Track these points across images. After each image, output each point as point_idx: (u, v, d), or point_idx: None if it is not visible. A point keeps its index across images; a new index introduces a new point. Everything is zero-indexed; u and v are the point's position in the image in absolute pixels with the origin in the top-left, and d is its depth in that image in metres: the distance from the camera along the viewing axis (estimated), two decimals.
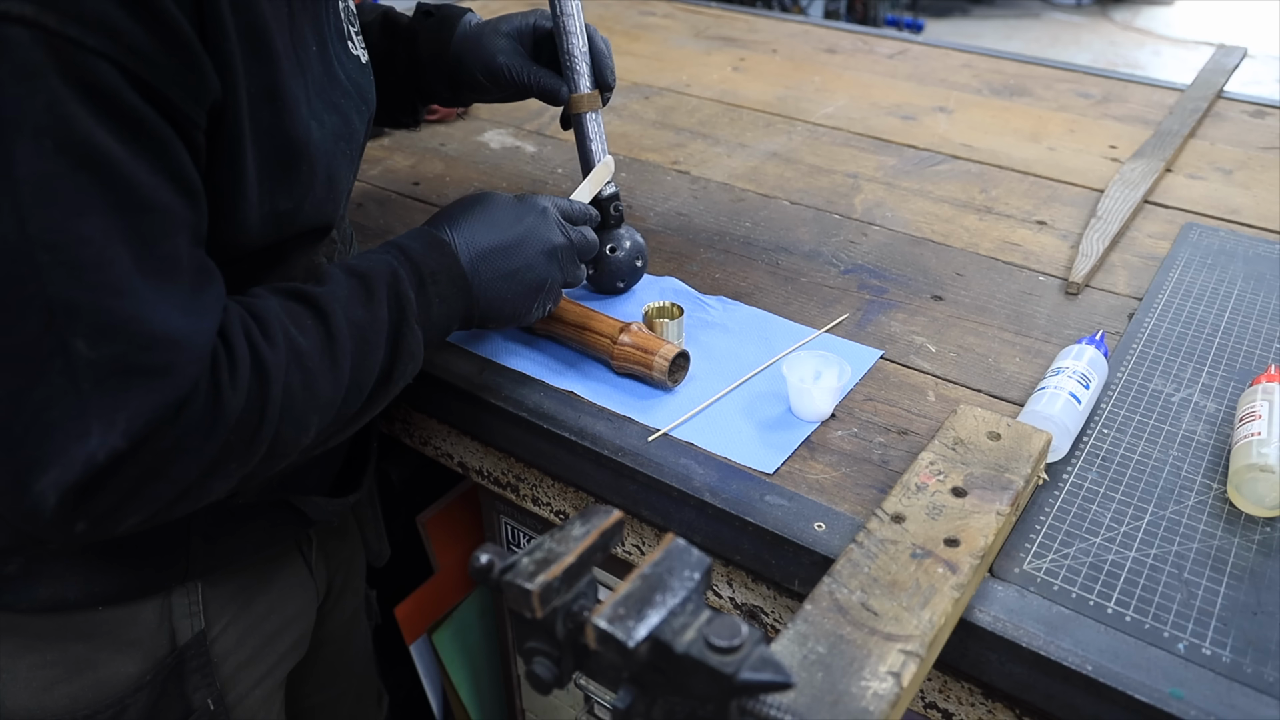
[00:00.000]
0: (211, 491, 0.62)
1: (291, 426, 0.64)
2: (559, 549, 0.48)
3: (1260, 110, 1.48)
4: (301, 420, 0.65)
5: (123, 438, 0.55)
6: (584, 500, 0.88)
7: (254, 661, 0.87)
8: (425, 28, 1.00)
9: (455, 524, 1.30)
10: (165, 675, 0.79)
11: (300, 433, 0.65)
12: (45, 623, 0.75)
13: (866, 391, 0.88)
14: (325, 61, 0.74)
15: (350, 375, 0.68)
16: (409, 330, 0.73)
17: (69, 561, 0.73)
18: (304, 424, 0.65)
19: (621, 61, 1.68)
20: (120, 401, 0.55)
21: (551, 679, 0.49)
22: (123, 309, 0.55)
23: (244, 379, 0.61)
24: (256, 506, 0.80)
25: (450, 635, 1.31)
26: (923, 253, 1.10)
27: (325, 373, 0.66)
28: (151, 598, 0.77)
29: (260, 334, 0.64)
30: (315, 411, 0.66)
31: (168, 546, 0.76)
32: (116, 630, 0.77)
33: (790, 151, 1.35)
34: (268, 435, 0.62)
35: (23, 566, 0.72)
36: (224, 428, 0.59)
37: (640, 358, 0.86)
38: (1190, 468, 0.78)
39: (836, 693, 0.53)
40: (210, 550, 0.78)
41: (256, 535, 0.82)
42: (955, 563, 0.63)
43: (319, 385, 0.66)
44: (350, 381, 0.69)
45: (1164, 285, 1.02)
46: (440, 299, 0.76)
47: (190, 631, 0.80)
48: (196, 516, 0.76)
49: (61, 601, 0.73)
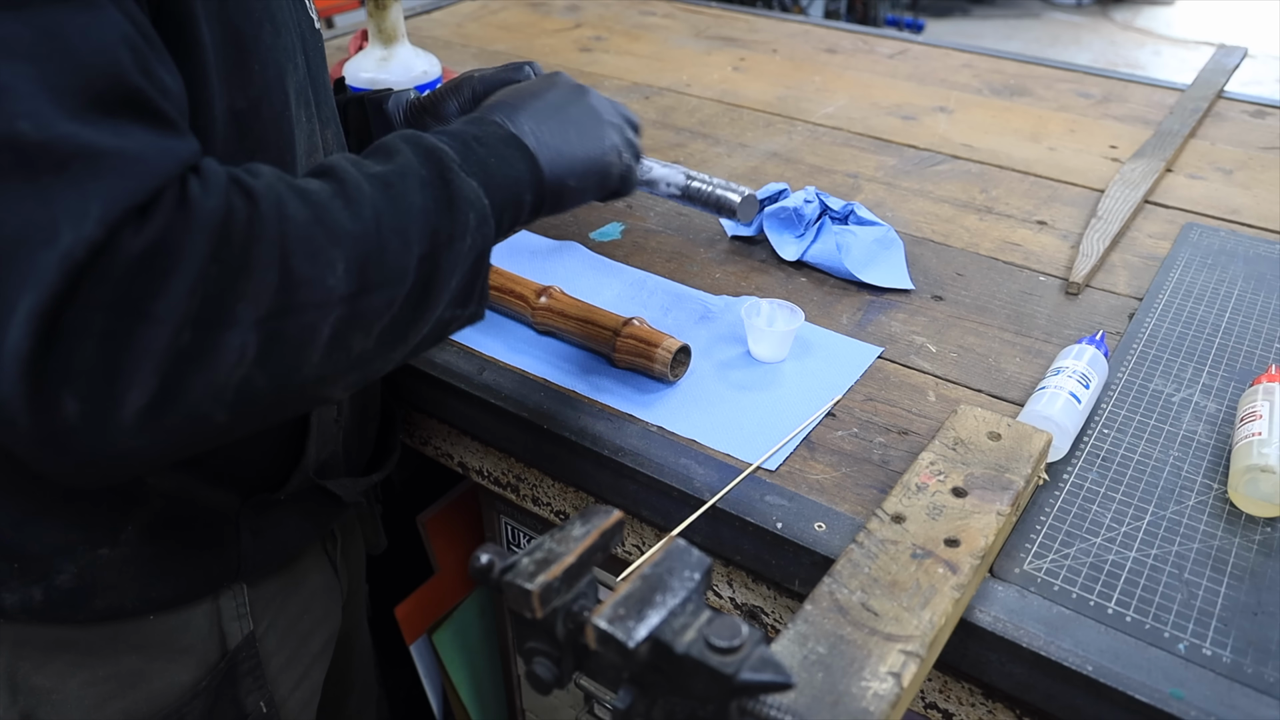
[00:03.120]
0: (226, 345, 0.50)
1: (306, 261, 0.53)
2: (559, 549, 0.48)
3: (1260, 110, 1.48)
4: (318, 253, 0.54)
5: (98, 226, 0.46)
6: (584, 500, 0.88)
7: (292, 664, 0.86)
8: (353, 121, 0.95)
9: (455, 524, 1.30)
10: (219, 681, 0.79)
11: (322, 269, 0.54)
12: (97, 636, 0.74)
13: (867, 391, 0.88)
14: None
15: (376, 215, 0.58)
16: (455, 178, 0.62)
17: (123, 568, 0.71)
18: (323, 257, 0.54)
19: (621, 61, 1.68)
20: (89, 190, 0.47)
21: (551, 679, 0.49)
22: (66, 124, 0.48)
23: (218, 186, 0.51)
24: (294, 495, 0.79)
25: (450, 635, 1.31)
26: (923, 253, 1.09)
27: (338, 208, 0.56)
28: (202, 600, 0.76)
29: (243, 171, 0.55)
30: (335, 245, 0.55)
31: (220, 545, 0.75)
32: (169, 638, 0.76)
33: (790, 151, 1.35)
34: (270, 258, 0.52)
35: (75, 576, 0.70)
36: (201, 231, 0.49)
37: (642, 350, 0.87)
38: (1191, 468, 0.78)
39: (837, 693, 0.53)
40: (258, 546, 0.78)
41: (296, 526, 0.81)
42: (955, 563, 0.63)
43: (331, 216, 0.56)
44: (379, 223, 0.58)
45: (1164, 285, 1.02)
46: (495, 158, 0.67)
47: (240, 634, 0.80)
48: (244, 512, 0.76)
49: (119, 610, 0.72)
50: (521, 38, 1.80)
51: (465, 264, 0.63)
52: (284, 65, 0.68)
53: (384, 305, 0.58)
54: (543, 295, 0.94)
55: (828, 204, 1.07)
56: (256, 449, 0.76)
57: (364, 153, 0.64)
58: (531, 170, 0.69)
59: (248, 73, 0.64)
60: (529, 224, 0.72)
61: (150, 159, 0.49)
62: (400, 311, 0.59)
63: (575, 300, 0.94)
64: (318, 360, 0.55)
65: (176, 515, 0.72)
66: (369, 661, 1.15)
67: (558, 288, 0.96)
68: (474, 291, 0.65)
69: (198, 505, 0.73)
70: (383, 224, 0.58)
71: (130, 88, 0.50)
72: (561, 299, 0.94)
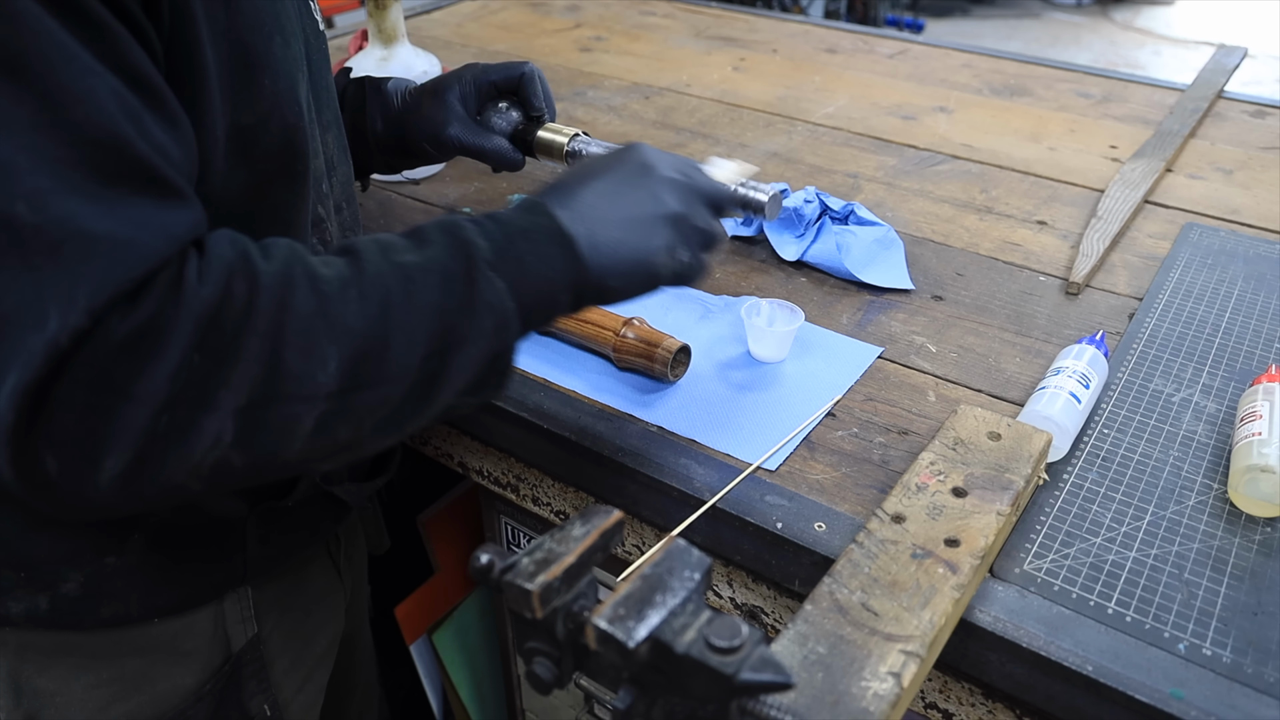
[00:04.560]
0: (202, 429, 0.51)
1: (297, 354, 0.53)
2: (559, 549, 0.48)
3: (1260, 110, 1.48)
4: (312, 348, 0.53)
5: (85, 315, 0.47)
6: (584, 500, 0.88)
7: (296, 666, 0.86)
8: (351, 100, 0.95)
9: (455, 524, 1.30)
10: (223, 684, 0.79)
11: (314, 365, 0.53)
12: (101, 640, 0.74)
13: (867, 391, 0.88)
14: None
15: (386, 311, 0.56)
16: (482, 277, 0.59)
17: (129, 576, 0.71)
18: (317, 353, 0.53)
19: (622, 61, 1.68)
20: (79, 275, 0.47)
21: (551, 679, 0.49)
22: (64, 205, 0.48)
23: (218, 273, 0.51)
24: (301, 502, 0.79)
25: (450, 635, 1.31)
26: (923, 253, 1.09)
27: (350, 299, 0.55)
28: (207, 604, 0.76)
29: (257, 250, 0.55)
30: (333, 341, 0.54)
31: (226, 552, 0.75)
32: (173, 642, 0.76)
33: (790, 151, 1.35)
34: (260, 350, 0.51)
35: (81, 584, 0.70)
36: (190, 320, 0.49)
37: (642, 350, 0.87)
38: (1191, 468, 0.78)
39: (837, 693, 0.53)
40: (264, 553, 0.78)
41: (301, 531, 0.82)
42: (955, 563, 0.63)
43: (337, 309, 0.54)
44: (387, 319, 0.56)
45: (1164, 285, 1.02)
46: (535, 255, 0.62)
47: (244, 637, 0.79)
48: (251, 520, 0.76)
49: (124, 617, 0.72)
50: (521, 38, 1.80)
51: (478, 366, 0.60)
52: (295, 76, 0.67)
53: (378, 402, 0.57)
54: None
55: (828, 204, 1.07)
56: None
57: (400, 233, 0.62)
58: (573, 270, 0.64)
59: (256, 88, 0.63)
60: (578, 311, 0.69)
61: (144, 241, 0.50)
62: (400, 405, 0.58)
63: None
64: (299, 447, 0.55)
65: (183, 524, 0.73)
66: (371, 663, 1.15)
67: None
68: (487, 385, 0.63)
69: (205, 514, 0.73)
70: (391, 321, 0.56)
71: (131, 158, 0.50)
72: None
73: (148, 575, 0.72)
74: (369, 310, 0.56)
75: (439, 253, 0.59)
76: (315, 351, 0.53)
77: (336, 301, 0.55)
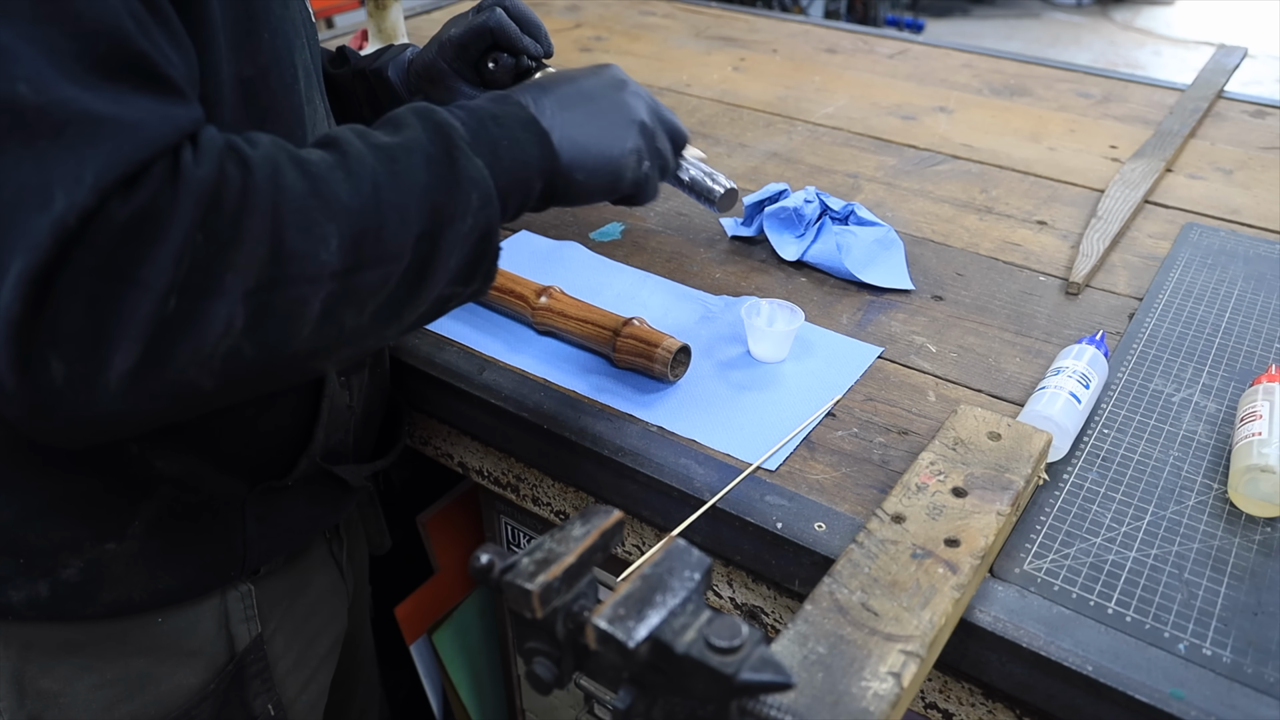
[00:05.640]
0: (212, 316, 0.50)
1: (299, 234, 0.53)
2: (559, 549, 0.48)
3: (1260, 110, 1.48)
4: (311, 227, 0.53)
5: (92, 194, 0.46)
6: (584, 500, 0.88)
7: (299, 666, 0.86)
8: (363, 94, 0.95)
9: (455, 524, 1.30)
10: (227, 684, 0.79)
11: (315, 244, 0.53)
12: (105, 638, 0.73)
13: (867, 391, 0.88)
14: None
15: (376, 191, 0.57)
16: (462, 156, 0.61)
17: (130, 561, 0.71)
18: (317, 231, 0.53)
19: (622, 61, 1.68)
20: (85, 155, 0.47)
21: (551, 679, 0.49)
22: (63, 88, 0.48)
23: (212, 154, 0.51)
24: (300, 482, 0.79)
25: (450, 635, 1.31)
26: (923, 253, 1.09)
27: (338, 180, 0.55)
28: (210, 598, 0.76)
29: (242, 139, 0.54)
30: (331, 220, 0.54)
31: (226, 536, 0.75)
32: (177, 641, 0.76)
33: (790, 151, 1.35)
34: (262, 230, 0.51)
35: (82, 570, 0.70)
36: (189, 199, 0.49)
37: (642, 350, 0.87)
38: (1190, 468, 0.78)
39: (837, 693, 0.53)
40: (263, 533, 0.77)
41: (301, 514, 0.81)
42: (955, 563, 0.63)
43: (329, 189, 0.55)
44: (378, 198, 0.57)
45: (1164, 285, 1.02)
46: (509, 139, 0.65)
47: (248, 636, 0.79)
48: (250, 499, 0.75)
49: (126, 604, 0.72)
50: None
51: (467, 244, 0.61)
52: (292, 39, 0.67)
53: (378, 282, 0.57)
54: (543, 295, 0.94)
55: (828, 204, 1.07)
56: (268, 433, 0.75)
57: (374, 124, 0.63)
58: (544, 156, 0.67)
59: (257, 41, 0.63)
60: (541, 210, 0.71)
61: (148, 126, 0.49)
62: (396, 289, 0.58)
63: (575, 300, 0.94)
64: (308, 334, 0.54)
65: (183, 506, 0.72)
66: (373, 663, 1.15)
67: (558, 288, 0.96)
68: (478, 270, 0.64)
69: (205, 494, 0.73)
70: (382, 199, 0.57)
71: (133, 52, 0.50)
72: (561, 299, 0.94)
73: (148, 560, 0.72)
74: (360, 188, 0.56)
75: (418, 134, 0.60)
76: (315, 230, 0.53)
77: (326, 182, 0.55)
